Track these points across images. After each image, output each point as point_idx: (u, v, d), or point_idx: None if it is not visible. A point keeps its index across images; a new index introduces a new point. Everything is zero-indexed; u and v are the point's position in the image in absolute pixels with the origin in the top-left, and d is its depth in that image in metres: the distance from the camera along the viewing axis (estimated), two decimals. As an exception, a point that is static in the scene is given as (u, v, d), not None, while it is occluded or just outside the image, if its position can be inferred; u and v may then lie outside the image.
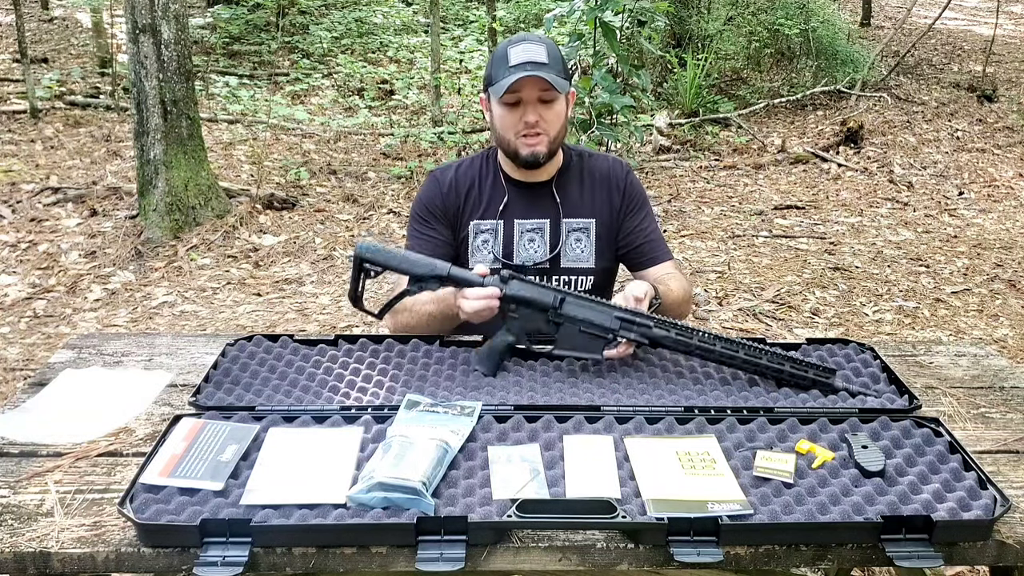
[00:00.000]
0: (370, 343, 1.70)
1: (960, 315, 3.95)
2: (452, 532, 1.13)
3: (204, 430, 1.34)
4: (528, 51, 1.70)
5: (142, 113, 4.39)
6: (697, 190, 5.84)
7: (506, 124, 1.75)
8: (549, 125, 1.75)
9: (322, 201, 5.21)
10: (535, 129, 1.73)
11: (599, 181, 1.89)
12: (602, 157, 1.95)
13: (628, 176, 1.91)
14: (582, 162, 1.91)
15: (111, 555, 1.12)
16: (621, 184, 1.90)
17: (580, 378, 1.60)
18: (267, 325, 3.66)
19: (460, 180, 1.88)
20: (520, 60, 1.69)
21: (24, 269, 4.11)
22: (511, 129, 1.75)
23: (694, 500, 1.21)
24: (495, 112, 1.77)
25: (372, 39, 8.80)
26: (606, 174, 1.90)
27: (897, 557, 1.14)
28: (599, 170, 1.91)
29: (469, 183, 1.88)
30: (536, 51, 1.70)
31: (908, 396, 1.53)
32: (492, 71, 1.74)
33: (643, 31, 4.90)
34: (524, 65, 1.68)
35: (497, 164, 1.89)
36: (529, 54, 1.69)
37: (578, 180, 1.89)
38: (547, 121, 1.74)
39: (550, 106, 1.74)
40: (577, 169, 1.90)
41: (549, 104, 1.74)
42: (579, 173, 1.90)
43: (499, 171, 1.88)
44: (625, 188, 1.90)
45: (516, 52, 1.70)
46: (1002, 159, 6.53)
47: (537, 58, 1.69)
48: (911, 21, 10.25)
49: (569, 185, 1.88)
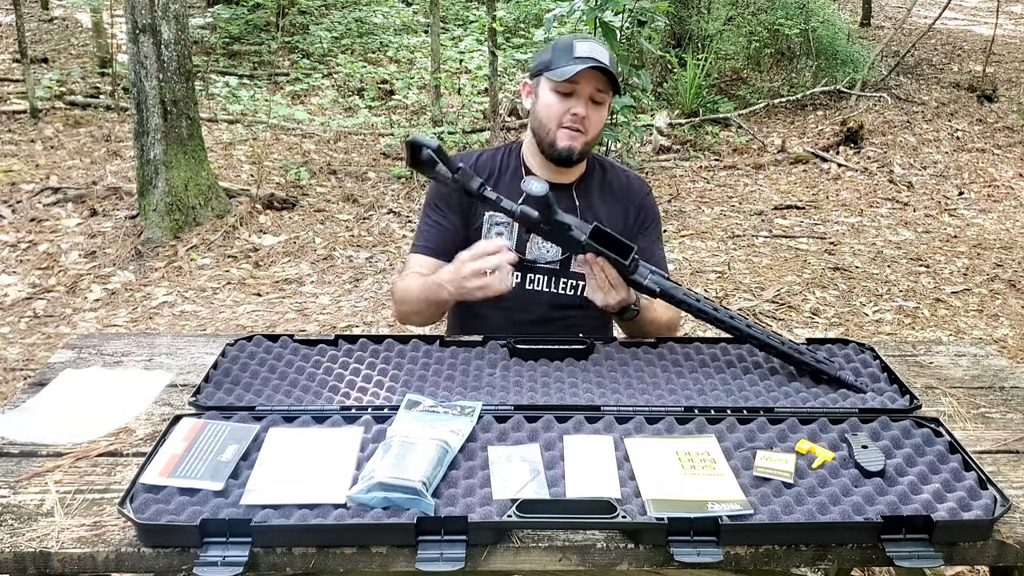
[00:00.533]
0: (370, 343, 1.70)
1: (960, 315, 3.95)
2: (452, 532, 1.13)
3: (204, 430, 1.34)
4: (595, 49, 1.72)
5: (142, 113, 4.40)
6: (697, 190, 5.84)
7: (553, 112, 1.75)
8: (592, 125, 1.76)
9: (322, 201, 5.22)
10: (579, 125, 1.74)
11: (618, 194, 1.90)
12: (623, 171, 1.96)
13: (647, 196, 1.93)
14: (604, 172, 1.92)
15: (111, 555, 1.12)
16: (639, 202, 1.91)
17: (580, 378, 1.60)
18: (267, 325, 3.66)
19: (480, 169, 1.87)
20: (586, 54, 1.70)
21: (24, 269, 4.11)
22: (556, 118, 1.75)
23: (694, 500, 1.21)
24: (543, 98, 1.77)
25: (372, 39, 8.80)
26: (626, 189, 1.91)
27: (897, 557, 1.14)
28: (619, 183, 1.92)
29: (488, 173, 1.87)
30: (601, 52, 1.73)
31: (908, 396, 1.53)
32: (552, 57, 1.74)
33: (643, 31, 4.91)
34: (589, 59, 1.69)
35: (520, 158, 1.89)
36: (595, 52, 1.71)
37: (598, 189, 1.90)
38: (591, 121, 1.75)
39: (598, 108, 1.76)
40: (598, 178, 1.90)
41: (598, 105, 1.76)
42: (600, 182, 1.90)
43: (521, 166, 1.88)
44: (642, 207, 1.91)
45: (582, 46, 1.72)
46: (1002, 159, 6.53)
47: (602, 58, 1.71)
48: (911, 21, 10.25)
49: (589, 192, 1.88)
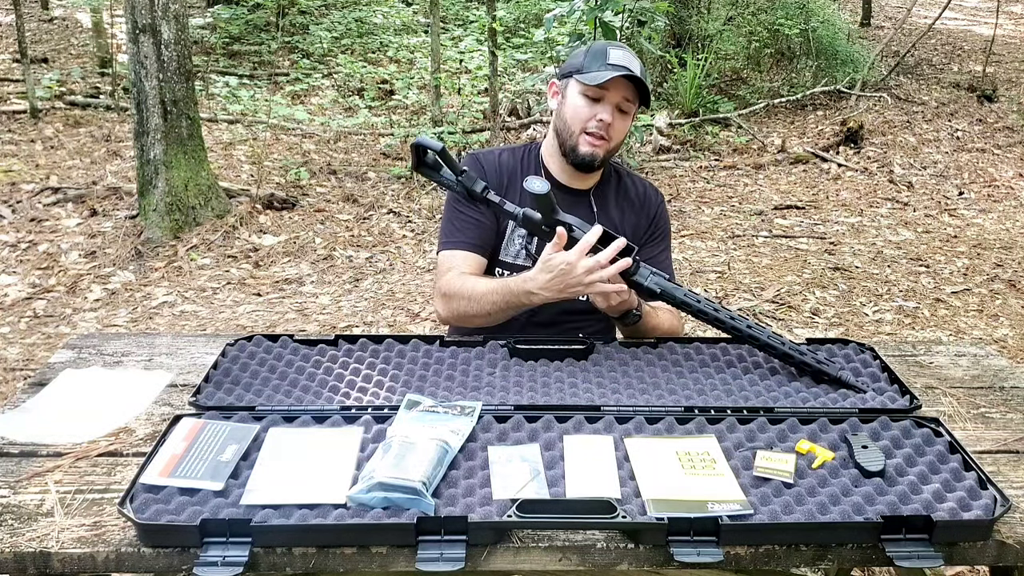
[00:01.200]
0: (370, 343, 1.70)
1: (960, 315, 3.95)
2: (452, 532, 1.13)
3: (204, 430, 1.34)
4: (628, 59, 1.73)
5: (142, 113, 4.40)
6: (697, 190, 5.84)
7: (579, 116, 1.75)
8: (616, 133, 1.76)
9: (322, 201, 5.22)
10: (604, 131, 1.74)
11: (635, 202, 1.91)
12: (640, 180, 1.97)
13: (660, 205, 1.94)
14: (620, 180, 1.93)
15: (111, 555, 1.12)
16: (653, 211, 1.92)
17: (580, 378, 1.60)
18: (267, 325, 3.66)
19: (503, 165, 1.87)
20: (620, 62, 1.71)
21: (24, 269, 4.11)
22: (581, 123, 1.75)
23: (694, 500, 1.21)
24: (570, 101, 1.77)
25: (372, 39, 8.80)
26: (641, 197, 1.92)
27: (897, 557, 1.14)
28: (635, 191, 1.93)
29: (511, 171, 1.87)
30: (634, 63, 1.73)
31: (908, 396, 1.53)
32: (585, 61, 1.74)
33: (643, 31, 4.91)
34: (622, 67, 1.70)
35: (539, 160, 1.89)
36: (628, 61, 1.72)
37: (615, 196, 1.90)
38: (616, 129, 1.76)
39: (624, 117, 1.76)
40: (614, 185, 1.91)
41: (624, 115, 1.76)
42: (616, 189, 1.91)
43: (541, 167, 1.88)
44: (655, 216, 1.92)
45: (617, 54, 1.73)
46: (1002, 159, 6.53)
47: (634, 68, 1.71)
48: (911, 21, 10.25)
49: (606, 198, 1.89)
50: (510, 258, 1.85)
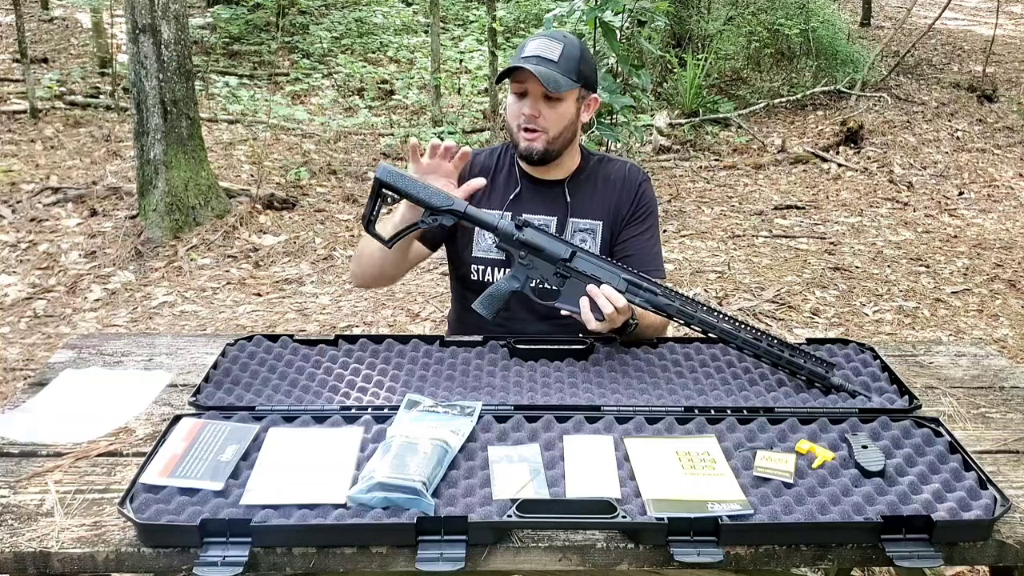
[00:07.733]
0: (370, 343, 1.70)
1: (960, 315, 3.95)
2: (452, 532, 1.13)
3: (204, 430, 1.34)
4: (542, 46, 1.71)
5: (142, 113, 4.40)
6: (697, 190, 5.84)
7: (511, 113, 1.78)
8: (549, 124, 1.74)
9: (322, 201, 5.21)
10: (532, 124, 1.73)
11: (612, 184, 1.89)
12: (620, 162, 1.95)
13: (642, 185, 1.90)
14: (599, 166, 1.91)
15: (111, 555, 1.12)
16: (633, 191, 1.89)
17: (580, 378, 1.60)
18: (267, 325, 3.66)
19: (478, 165, 1.89)
20: (531, 53, 1.70)
21: (24, 269, 4.11)
22: (514, 119, 1.77)
23: (694, 500, 1.21)
24: (508, 100, 1.80)
25: (372, 39, 8.79)
26: (621, 178, 1.90)
27: (897, 557, 1.14)
28: (615, 174, 1.91)
29: (486, 170, 1.88)
30: (550, 48, 1.70)
31: (908, 396, 1.53)
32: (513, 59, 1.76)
33: (643, 31, 4.90)
34: (531, 58, 1.69)
35: (513, 157, 1.90)
36: (541, 49, 1.70)
37: (592, 182, 1.89)
38: (546, 119, 1.74)
39: (553, 105, 1.73)
40: (593, 172, 1.90)
41: (553, 102, 1.73)
42: (594, 176, 1.90)
43: (515, 164, 1.89)
44: (636, 196, 1.89)
45: (531, 45, 1.73)
46: (1002, 159, 6.53)
47: (547, 54, 1.69)
48: (911, 21, 10.25)
49: (582, 186, 1.88)
50: (482, 252, 1.86)
